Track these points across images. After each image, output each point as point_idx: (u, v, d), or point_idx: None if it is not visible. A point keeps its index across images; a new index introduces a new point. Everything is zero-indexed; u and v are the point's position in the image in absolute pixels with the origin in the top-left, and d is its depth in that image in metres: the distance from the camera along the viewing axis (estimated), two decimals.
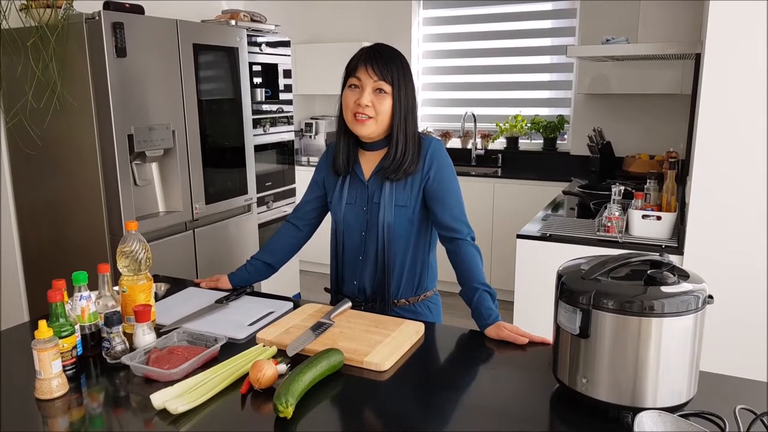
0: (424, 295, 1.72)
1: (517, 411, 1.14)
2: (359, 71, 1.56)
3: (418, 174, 1.62)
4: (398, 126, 1.58)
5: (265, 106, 3.80)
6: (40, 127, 2.64)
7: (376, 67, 1.54)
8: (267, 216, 3.90)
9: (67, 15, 2.49)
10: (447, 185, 1.64)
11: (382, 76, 1.55)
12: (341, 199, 1.69)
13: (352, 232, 1.69)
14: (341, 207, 1.69)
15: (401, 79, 1.57)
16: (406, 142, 1.59)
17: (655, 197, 2.63)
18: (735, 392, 1.21)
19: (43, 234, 2.80)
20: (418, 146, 1.62)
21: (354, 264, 1.71)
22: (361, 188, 1.67)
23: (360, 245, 1.69)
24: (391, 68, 1.56)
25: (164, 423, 1.10)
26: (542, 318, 2.02)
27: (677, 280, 1.06)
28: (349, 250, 1.71)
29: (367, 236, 1.67)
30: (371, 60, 1.55)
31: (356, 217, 1.68)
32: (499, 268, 4.33)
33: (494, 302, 1.54)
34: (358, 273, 1.70)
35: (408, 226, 1.64)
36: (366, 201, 1.66)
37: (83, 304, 1.34)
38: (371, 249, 1.67)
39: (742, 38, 2.05)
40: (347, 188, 1.69)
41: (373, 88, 1.56)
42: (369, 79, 1.55)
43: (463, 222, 1.64)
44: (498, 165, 4.83)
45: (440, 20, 4.97)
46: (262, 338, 1.42)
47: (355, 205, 1.68)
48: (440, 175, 1.63)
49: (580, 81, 4.31)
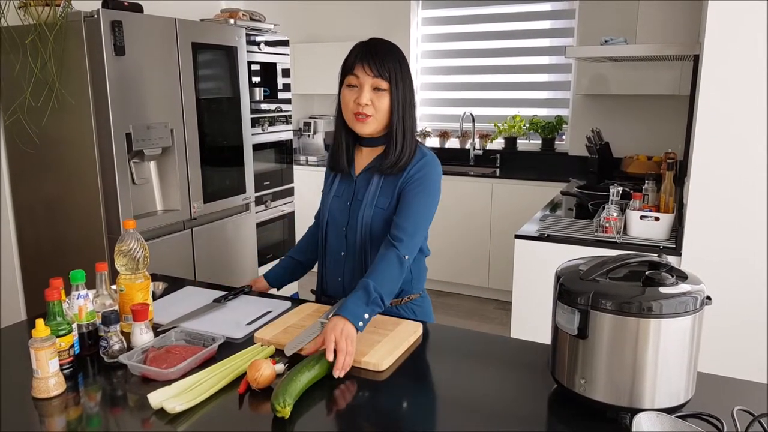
0: (408, 297, 1.69)
1: (516, 411, 1.14)
2: (356, 69, 1.54)
3: (401, 179, 1.58)
4: (397, 122, 1.57)
5: (263, 105, 3.80)
6: (38, 125, 2.63)
7: (372, 65, 1.53)
8: (265, 215, 3.90)
9: (66, 13, 2.48)
10: (414, 200, 1.56)
11: (379, 73, 1.53)
12: (330, 191, 1.70)
13: (335, 227, 1.68)
14: (329, 199, 1.70)
15: (398, 74, 1.55)
16: (404, 138, 1.58)
17: (653, 198, 2.63)
18: (733, 393, 1.21)
19: (41, 232, 2.79)
20: (415, 144, 1.61)
21: (338, 261, 1.70)
22: (349, 183, 1.67)
23: (342, 241, 1.67)
24: (387, 64, 1.54)
25: (161, 422, 1.09)
26: (540, 319, 2.02)
27: (675, 281, 1.06)
28: (332, 245, 1.70)
29: (347, 232, 1.66)
30: (367, 57, 1.53)
31: (340, 212, 1.67)
32: (497, 268, 4.33)
33: (368, 307, 1.40)
34: (341, 270, 1.69)
35: (387, 227, 1.59)
36: (351, 197, 1.66)
37: (81, 302, 1.34)
38: (352, 246, 1.65)
39: (740, 39, 2.05)
40: (338, 181, 1.70)
41: (372, 85, 1.54)
42: (366, 77, 1.53)
43: (408, 235, 1.53)
44: (496, 165, 4.83)
45: (439, 20, 4.97)
46: (260, 338, 1.42)
47: (340, 198, 1.68)
48: (415, 189, 1.56)
49: (579, 82, 4.31)
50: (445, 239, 4.41)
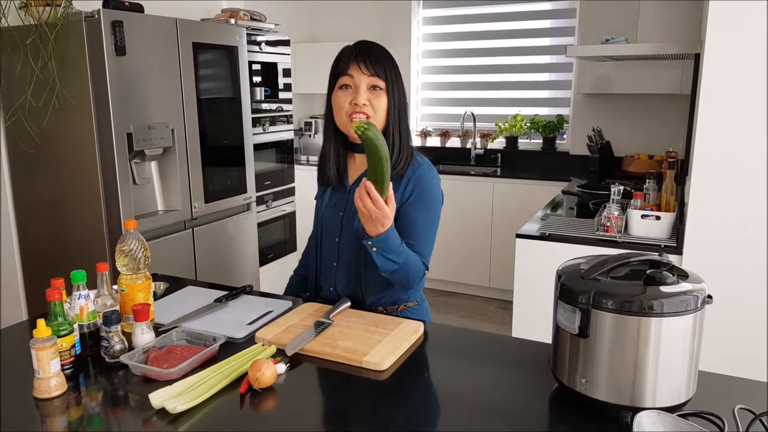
0: (404, 305, 1.66)
1: (516, 410, 1.14)
2: (351, 69, 1.50)
3: (399, 190, 1.54)
4: (394, 123, 1.53)
5: (264, 105, 3.80)
6: (39, 125, 2.63)
7: (369, 63, 1.49)
8: (266, 215, 3.90)
9: (67, 13, 2.49)
10: (417, 217, 1.54)
11: (376, 72, 1.49)
12: (323, 201, 1.68)
13: (328, 236, 1.66)
14: (321, 209, 1.68)
15: (393, 74, 1.52)
16: (401, 141, 1.55)
17: (654, 197, 2.63)
18: (734, 392, 1.21)
19: (42, 232, 2.80)
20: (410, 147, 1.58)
21: (329, 270, 1.67)
22: (342, 193, 1.64)
23: (334, 251, 1.65)
24: (383, 63, 1.51)
25: (163, 422, 1.09)
26: (541, 318, 2.02)
27: (676, 280, 1.06)
28: (325, 255, 1.68)
29: (341, 242, 1.63)
30: (362, 56, 1.50)
31: (332, 222, 1.65)
32: (499, 267, 4.33)
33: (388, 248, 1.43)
34: (333, 280, 1.67)
35: None
36: (344, 207, 1.62)
37: (82, 303, 1.34)
38: (345, 256, 1.62)
39: (741, 38, 2.05)
40: (329, 191, 1.67)
41: (368, 85, 1.50)
42: (363, 76, 1.49)
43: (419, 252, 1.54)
44: (497, 164, 4.83)
45: (440, 20, 4.97)
46: (261, 337, 1.42)
47: (333, 208, 1.65)
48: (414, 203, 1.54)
49: (580, 81, 4.31)
50: (446, 239, 4.41)
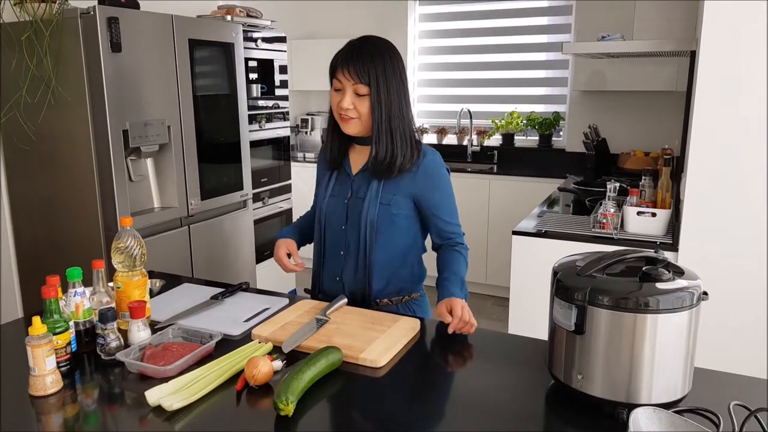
0: (409, 296, 1.69)
1: (513, 407, 1.14)
2: (338, 73, 1.54)
3: (409, 181, 1.59)
4: (379, 127, 1.54)
5: (260, 101, 3.79)
6: (35, 122, 2.62)
7: (352, 69, 1.51)
8: (262, 212, 3.89)
9: (62, 9, 2.47)
10: (440, 201, 1.65)
11: (359, 78, 1.50)
12: (326, 190, 1.69)
13: (333, 225, 1.67)
14: (325, 198, 1.69)
15: (380, 78, 1.51)
16: (392, 142, 1.55)
17: (650, 194, 2.64)
18: (730, 388, 1.22)
19: (38, 230, 2.79)
20: (413, 143, 1.59)
21: (335, 260, 1.68)
22: (346, 181, 1.67)
23: (341, 240, 1.66)
24: (368, 68, 1.50)
25: (159, 420, 1.09)
26: (538, 314, 2.03)
27: (672, 277, 1.07)
28: (331, 245, 1.69)
29: (347, 231, 1.65)
30: (348, 62, 1.52)
31: (337, 210, 1.66)
32: (495, 264, 4.34)
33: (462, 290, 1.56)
34: (340, 270, 1.68)
35: (392, 225, 1.61)
36: (348, 195, 1.65)
37: (77, 300, 1.33)
38: (353, 245, 1.64)
39: (737, 35, 2.05)
40: (334, 180, 1.69)
41: (353, 90, 1.53)
42: (347, 82, 1.52)
43: (455, 225, 1.68)
44: (494, 161, 4.83)
45: (436, 17, 4.96)
46: (258, 335, 1.42)
47: (337, 197, 1.67)
48: (432, 192, 1.64)
49: (576, 78, 4.31)
50: None
